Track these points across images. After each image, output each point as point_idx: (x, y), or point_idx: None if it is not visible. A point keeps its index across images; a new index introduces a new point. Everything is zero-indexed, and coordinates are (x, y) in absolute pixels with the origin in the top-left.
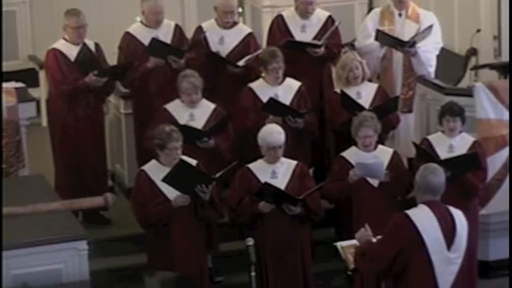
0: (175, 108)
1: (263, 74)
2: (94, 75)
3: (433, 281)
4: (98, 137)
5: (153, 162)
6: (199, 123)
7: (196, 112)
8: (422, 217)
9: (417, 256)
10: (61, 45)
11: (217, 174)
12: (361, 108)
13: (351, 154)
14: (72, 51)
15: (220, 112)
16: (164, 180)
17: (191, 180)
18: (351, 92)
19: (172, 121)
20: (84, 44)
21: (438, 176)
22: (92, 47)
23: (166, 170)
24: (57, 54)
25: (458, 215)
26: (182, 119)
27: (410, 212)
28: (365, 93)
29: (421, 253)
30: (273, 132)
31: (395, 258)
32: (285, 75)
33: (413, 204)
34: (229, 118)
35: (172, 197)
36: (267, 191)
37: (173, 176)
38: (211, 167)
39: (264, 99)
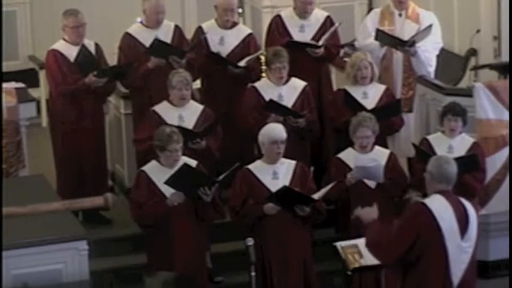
0: (164, 110)
1: (264, 74)
2: (94, 76)
3: (446, 269)
4: (98, 137)
5: (153, 162)
6: (188, 124)
7: (185, 113)
8: (439, 205)
9: (433, 244)
10: (60, 45)
11: (221, 177)
12: (363, 108)
13: (348, 156)
14: (71, 52)
15: (209, 113)
16: (167, 183)
17: (194, 183)
18: (358, 91)
19: (162, 123)
20: (83, 45)
21: (452, 165)
22: (92, 47)
23: (166, 171)
24: (56, 55)
25: (469, 205)
26: (171, 121)
27: (427, 201)
28: (372, 94)
29: (437, 241)
30: (275, 128)
31: (412, 246)
32: (289, 75)
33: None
34: (228, 118)
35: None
36: (286, 193)
37: (176, 179)
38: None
39: (268, 99)
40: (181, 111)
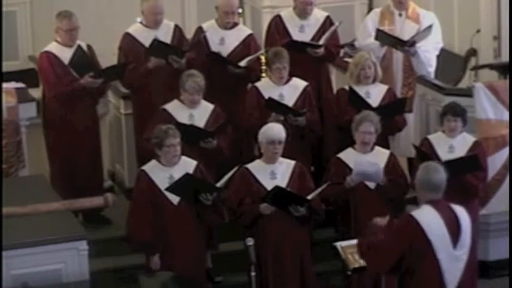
0: (175, 108)
1: (264, 75)
2: (90, 77)
3: (440, 279)
4: (92, 139)
5: (153, 162)
6: (199, 123)
7: (195, 113)
8: (428, 218)
9: (424, 256)
10: (54, 47)
11: (222, 181)
12: (368, 106)
13: (348, 156)
14: (65, 54)
15: (220, 113)
16: (168, 190)
17: (195, 190)
18: (361, 91)
19: (174, 121)
20: (79, 46)
21: (439, 173)
22: (85, 49)
23: (166, 170)
24: (50, 57)
25: (461, 212)
26: (182, 120)
27: (416, 213)
28: (374, 94)
29: (428, 253)
30: (273, 127)
31: (402, 259)
32: (290, 75)
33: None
34: (228, 118)
35: (173, 198)
36: (278, 193)
37: (177, 187)
38: (209, 166)
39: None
40: (192, 110)
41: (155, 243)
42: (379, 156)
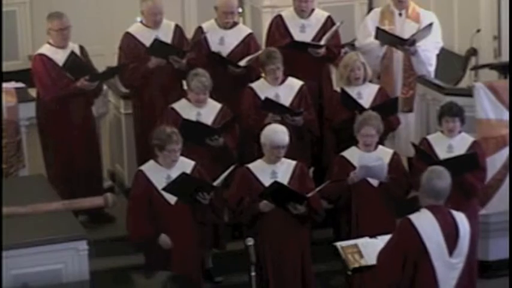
0: (182, 107)
1: (263, 74)
2: (86, 80)
3: (435, 286)
4: (89, 140)
5: (151, 162)
6: (206, 122)
7: (203, 111)
8: (425, 223)
9: (421, 263)
10: (46, 50)
11: (218, 181)
12: (360, 107)
13: (352, 154)
14: (58, 56)
15: (227, 111)
16: (165, 189)
17: (192, 190)
18: (352, 91)
19: (181, 120)
20: (72, 51)
21: (443, 180)
22: (77, 51)
23: (164, 171)
24: (44, 60)
25: (461, 219)
26: (189, 118)
27: (413, 218)
28: (366, 94)
29: (425, 260)
30: (278, 132)
31: (404, 266)
32: (286, 75)
33: (411, 205)
34: (235, 116)
35: (170, 198)
36: (277, 189)
37: (174, 187)
38: (215, 165)
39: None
40: (199, 109)
41: (156, 235)
42: (382, 155)
